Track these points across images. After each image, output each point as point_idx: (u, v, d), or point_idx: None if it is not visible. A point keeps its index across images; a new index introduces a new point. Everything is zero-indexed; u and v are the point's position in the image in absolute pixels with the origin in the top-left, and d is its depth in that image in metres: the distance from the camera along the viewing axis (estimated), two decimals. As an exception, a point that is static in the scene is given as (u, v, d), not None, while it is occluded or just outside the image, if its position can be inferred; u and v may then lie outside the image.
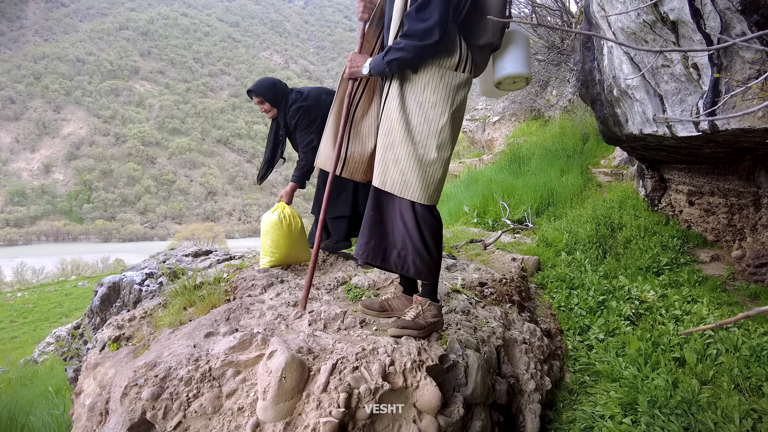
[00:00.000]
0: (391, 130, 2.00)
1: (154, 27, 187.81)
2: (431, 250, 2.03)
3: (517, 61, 2.02)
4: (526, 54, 2.05)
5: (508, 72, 2.04)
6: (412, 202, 2.01)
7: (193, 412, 1.58)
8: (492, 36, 2.00)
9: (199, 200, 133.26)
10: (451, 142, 2.00)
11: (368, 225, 2.09)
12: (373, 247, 2.07)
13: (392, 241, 2.06)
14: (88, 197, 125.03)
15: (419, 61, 1.92)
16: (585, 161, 9.08)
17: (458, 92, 1.98)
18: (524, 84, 2.13)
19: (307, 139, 3.24)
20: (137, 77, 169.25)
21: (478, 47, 2.02)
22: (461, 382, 2.05)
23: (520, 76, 2.03)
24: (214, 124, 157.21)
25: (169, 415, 1.56)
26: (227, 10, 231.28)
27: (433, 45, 1.85)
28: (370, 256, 2.08)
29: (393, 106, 2.00)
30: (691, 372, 2.87)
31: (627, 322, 3.60)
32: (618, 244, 5.40)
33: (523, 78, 2.05)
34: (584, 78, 5.17)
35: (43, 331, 20.89)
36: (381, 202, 2.09)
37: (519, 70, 2.02)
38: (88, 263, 50.13)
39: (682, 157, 4.87)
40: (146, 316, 2.32)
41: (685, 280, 4.55)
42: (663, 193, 6.08)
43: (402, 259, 2.04)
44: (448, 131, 1.97)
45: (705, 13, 2.67)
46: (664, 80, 3.43)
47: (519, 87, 2.16)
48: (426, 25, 1.82)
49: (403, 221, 2.02)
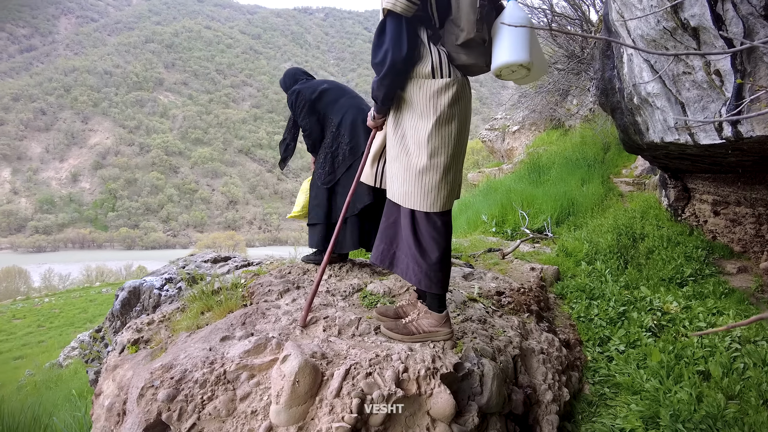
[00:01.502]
0: (392, 144, 2.09)
1: (179, 39, 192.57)
2: (428, 257, 2.02)
3: (511, 49, 1.86)
4: (522, 41, 1.87)
5: (500, 62, 1.89)
6: (411, 210, 2.04)
7: (207, 414, 1.60)
8: (468, 31, 1.90)
9: (220, 209, 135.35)
10: (446, 146, 1.99)
11: (381, 229, 2.17)
12: (382, 251, 2.14)
13: (400, 247, 2.11)
14: (113, 205, 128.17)
15: (392, 88, 1.98)
16: (606, 170, 8.96)
17: (440, 98, 1.96)
18: (525, 72, 1.95)
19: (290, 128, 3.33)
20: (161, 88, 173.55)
21: (459, 46, 1.96)
22: (476, 390, 2.03)
23: (514, 64, 1.86)
24: (235, 134, 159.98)
25: (184, 416, 1.58)
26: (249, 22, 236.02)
27: (393, 71, 1.91)
28: (380, 259, 2.15)
29: (391, 122, 2.12)
30: (717, 386, 2.78)
31: (648, 333, 3.51)
32: (640, 255, 5.29)
33: (519, 66, 1.89)
34: (604, 86, 5.11)
35: (68, 336, 21.39)
36: (390, 208, 2.15)
37: (512, 58, 1.86)
38: (112, 270, 51.25)
39: (706, 166, 4.76)
40: (165, 320, 2.36)
41: (710, 291, 4.43)
42: (687, 202, 5.95)
43: (405, 266, 2.07)
44: (438, 137, 1.98)
45: (727, 19, 2.63)
46: (686, 87, 3.37)
47: (521, 76, 1.99)
48: (379, 57, 1.90)
49: (404, 228, 2.07)
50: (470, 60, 1.99)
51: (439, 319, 2.15)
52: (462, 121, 2.05)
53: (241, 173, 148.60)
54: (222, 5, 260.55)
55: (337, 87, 3.30)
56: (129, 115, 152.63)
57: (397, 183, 2.05)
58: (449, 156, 2.00)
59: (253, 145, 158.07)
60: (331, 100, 3.17)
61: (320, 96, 3.16)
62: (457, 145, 2.03)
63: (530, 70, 1.92)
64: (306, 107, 3.15)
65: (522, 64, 1.88)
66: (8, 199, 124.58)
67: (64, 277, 51.27)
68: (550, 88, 12.39)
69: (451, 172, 2.03)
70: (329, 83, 3.31)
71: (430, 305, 2.17)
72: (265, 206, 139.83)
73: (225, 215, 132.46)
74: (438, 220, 2.04)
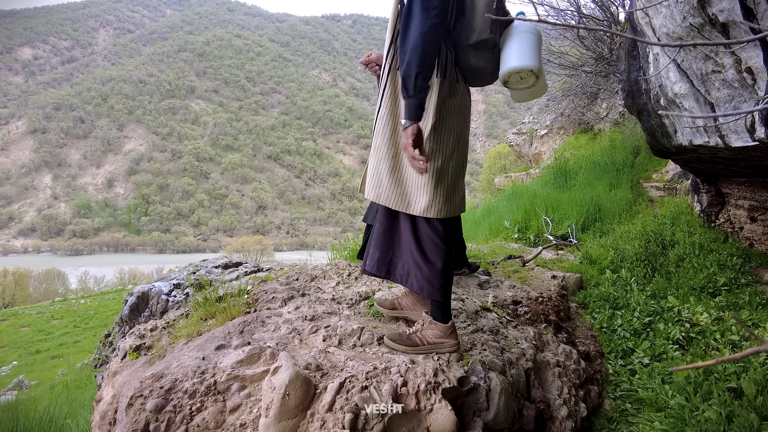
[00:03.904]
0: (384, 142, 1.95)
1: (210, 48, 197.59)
2: (431, 264, 1.93)
3: (519, 54, 1.82)
4: (531, 46, 1.85)
5: (509, 67, 1.84)
6: (410, 216, 1.94)
7: (196, 426, 1.55)
8: (481, 32, 1.85)
9: (249, 214, 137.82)
10: (444, 150, 1.90)
11: (374, 235, 2.06)
12: (378, 258, 2.03)
13: (399, 254, 2.01)
14: (146, 210, 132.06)
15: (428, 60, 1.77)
16: (636, 175, 8.66)
17: (441, 98, 1.87)
18: (534, 80, 1.92)
19: None
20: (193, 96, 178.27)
21: (470, 47, 1.89)
22: (482, 406, 1.93)
23: (523, 69, 1.82)
24: (265, 140, 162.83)
25: (172, 428, 1.54)
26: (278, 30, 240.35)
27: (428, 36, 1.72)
28: (375, 267, 2.04)
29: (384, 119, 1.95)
30: (750, 405, 2.58)
31: (675, 346, 3.32)
32: (669, 262, 5.05)
33: (528, 72, 1.85)
34: (630, 88, 4.92)
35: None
36: (385, 214, 2.04)
37: (521, 63, 1.83)
38: (144, 273, 52.71)
39: (742, 170, 4.52)
40: (167, 326, 2.34)
41: (745, 302, 4.17)
42: (721, 208, 5.67)
43: (406, 272, 1.98)
44: (436, 140, 1.88)
45: (759, 13, 2.46)
46: (715, 87, 3.19)
47: (529, 85, 1.95)
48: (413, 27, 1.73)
49: (406, 234, 1.97)
50: (479, 63, 1.93)
51: (444, 330, 2.05)
52: (462, 127, 1.96)
53: (270, 179, 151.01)
54: (252, 14, 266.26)
55: None
56: (162, 122, 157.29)
57: (391, 187, 1.94)
58: (446, 160, 1.91)
59: (281, 151, 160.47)
60: None
61: None
62: (455, 151, 1.94)
63: (539, 78, 1.89)
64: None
65: (532, 69, 1.85)
66: (49, 204, 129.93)
67: (99, 280, 53.04)
68: (578, 91, 12.11)
69: (449, 177, 1.93)
70: None
71: (434, 315, 2.07)
72: (293, 211, 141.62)
73: (254, 220, 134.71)
74: (439, 225, 1.95)
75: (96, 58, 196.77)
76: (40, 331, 28.10)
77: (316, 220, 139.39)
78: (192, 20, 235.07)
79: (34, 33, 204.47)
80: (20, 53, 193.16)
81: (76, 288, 50.60)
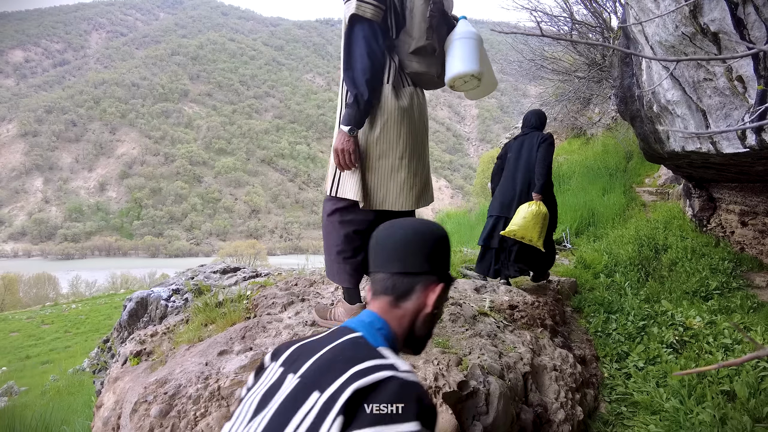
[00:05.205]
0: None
1: (203, 52, 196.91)
2: (330, 248, 2.15)
3: (461, 60, 1.97)
4: (470, 51, 1.98)
5: (451, 74, 2.01)
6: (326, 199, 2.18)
7: (200, 431, 1.56)
8: (419, 40, 2.01)
9: (243, 218, 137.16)
10: (393, 150, 2.04)
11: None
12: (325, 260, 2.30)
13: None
14: (138, 214, 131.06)
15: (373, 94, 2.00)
16: (628, 180, 8.75)
17: (389, 102, 2.02)
18: (476, 83, 2.05)
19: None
20: (186, 99, 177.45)
21: (411, 54, 2.04)
22: (482, 410, 1.95)
23: (466, 74, 1.97)
24: (258, 144, 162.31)
25: (176, 433, 1.55)
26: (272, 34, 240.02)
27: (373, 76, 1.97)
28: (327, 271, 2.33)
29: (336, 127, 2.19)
30: (743, 407, 2.63)
31: (669, 349, 3.37)
32: (662, 267, 5.12)
33: (470, 76, 1.98)
34: (623, 94, 4.99)
35: (93, 342, 21.78)
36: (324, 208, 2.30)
37: (463, 69, 1.97)
38: (136, 277, 52.26)
39: (733, 175, 4.59)
40: (168, 332, 2.35)
41: (737, 305, 4.24)
42: (712, 213, 5.75)
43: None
44: (384, 141, 2.03)
45: (749, 23, 2.52)
46: (707, 94, 3.25)
47: (473, 87, 2.09)
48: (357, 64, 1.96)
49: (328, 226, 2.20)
50: (422, 68, 2.08)
51: (349, 310, 2.19)
52: (413, 129, 2.08)
53: (264, 183, 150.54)
54: (246, 18, 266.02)
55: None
56: (155, 126, 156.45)
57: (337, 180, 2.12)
58: (397, 158, 2.05)
59: (275, 155, 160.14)
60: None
61: None
62: (407, 150, 2.06)
63: (481, 80, 2.02)
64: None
65: (473, 74, 1.99)
66: (40, 207, 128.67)
67: (91, 284, 52.56)
68: (571, 97, 12.20)
69: (400, 175, 2.06)
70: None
71: (343, 295, 2.24)
72: (287, 215, 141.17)
73: (247, 224, 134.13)
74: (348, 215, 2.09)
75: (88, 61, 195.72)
76: (30, 337, 27.76)
77: (309, 224, 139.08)
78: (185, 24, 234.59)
79: (25, 35, 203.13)
80: (11, 56, 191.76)
81: (68, 292, 50.10)
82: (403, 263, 1.04)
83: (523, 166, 4.02)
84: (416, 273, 1.04)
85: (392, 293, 1.03)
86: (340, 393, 0.79)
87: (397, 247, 1.05)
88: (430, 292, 1.04)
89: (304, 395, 0.81)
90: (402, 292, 1.03)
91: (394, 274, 1.04)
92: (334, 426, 0.75)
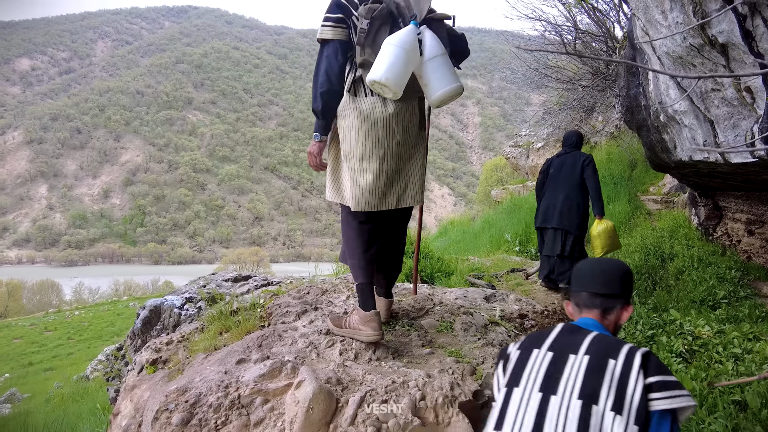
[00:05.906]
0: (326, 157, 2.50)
1: (208, 60, 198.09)
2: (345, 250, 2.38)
3: (374, 68, 2.07)
4: (384, 58, 2.06)
5: (368, 80, 2.12)
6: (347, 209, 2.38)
7: (221, 439, 1.58)
8: (360, 54, 2.18)
9: (246, 225, 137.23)
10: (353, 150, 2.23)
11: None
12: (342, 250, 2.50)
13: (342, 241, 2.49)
14: (142, 221, 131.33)
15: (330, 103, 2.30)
16: (633, 188, 8.76)
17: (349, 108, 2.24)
18: (388, 90, 2.13)
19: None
20: (190, 107, 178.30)
21: (360, 66, 2.22)
22: (496, 419, 1.96)
23: (377, 82, 2.07)
24: (262, 152, 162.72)
25: (198, 441, 1.57)
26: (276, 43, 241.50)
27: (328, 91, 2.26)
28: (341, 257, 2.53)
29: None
30: (755, 418, 2.63)
31: (679, 359, 3.36)
32: (669, 276, 5.12)
33: (378, 84, 2.08)
34: (629, 104, 5.02)
35: (96, 349, 21.80)
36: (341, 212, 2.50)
37: (373, 76, 2.07)
38: (139, 284, 52.28)
39: (739, 184, 4.60)
40: (183, 340, 2.37)
41: (745, 315, 4.23)
42: (718, 221, 5.75)
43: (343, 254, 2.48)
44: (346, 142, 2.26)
45: (757, 35, 2.55)
46: (715, 105, 3.27)
47: (387, 93, 2.18)
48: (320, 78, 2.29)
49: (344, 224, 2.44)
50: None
51: (363, 317, 2.20)
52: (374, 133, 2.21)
53: (267, 190, 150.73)
54: (250, 26, 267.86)
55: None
56: (159, 134, 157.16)
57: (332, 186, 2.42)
58: (359, 159, 2.22)
59: (278, 163, 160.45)
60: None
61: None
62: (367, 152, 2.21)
63: (388, 87, 2.09)
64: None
65: (380, 82, 2.07)
66: (44, 214, 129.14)
67: (94, 291, 52.61)
68: (575, 105, 12.24)
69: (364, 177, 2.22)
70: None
71: (358, 302, 2.27)
72: (290, 222, 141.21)
73: (250, 231, 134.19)
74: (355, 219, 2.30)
75: (94, 69, 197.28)
76: (33, 343, 27.77)
77: (312, 231, 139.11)
78: (190, 32, 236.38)
79: (32, 44, 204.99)
80: (18, 64, 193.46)
81: (71, 299, 50.12)
82: (606, 287, 1.42)
83: (565, 181, 4.51)
84: (615, 295, 1.42)
85: (599, 307, 1.42)
86: (632, 357, 1.20)
87: (595, 274, 1.46)
88: (624, 312, 1.43)
89: (604, 362, 1.20)
90: (606, 308, 1.42)
91: (599, 295, 1.42)
92: (640, 374, 1.17)
